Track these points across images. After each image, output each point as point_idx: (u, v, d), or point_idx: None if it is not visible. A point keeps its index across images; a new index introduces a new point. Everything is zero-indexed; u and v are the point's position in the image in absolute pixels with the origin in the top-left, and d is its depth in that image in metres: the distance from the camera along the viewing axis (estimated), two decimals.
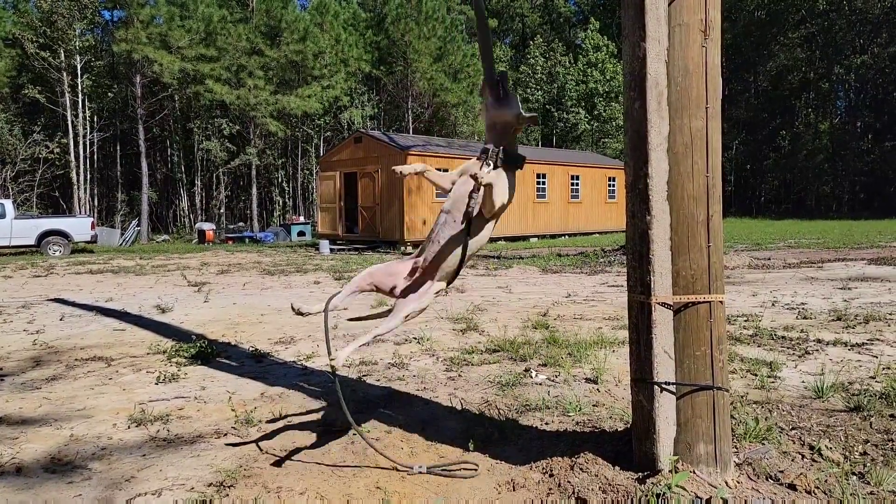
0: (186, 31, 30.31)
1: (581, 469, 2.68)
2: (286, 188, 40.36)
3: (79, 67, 30.80)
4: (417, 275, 2.95)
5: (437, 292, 2.92)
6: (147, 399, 4.01)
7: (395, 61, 36.10)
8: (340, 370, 4.70)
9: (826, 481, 2.60)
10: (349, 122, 35.96)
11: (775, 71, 47.19)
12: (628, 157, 2.64)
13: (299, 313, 2.86)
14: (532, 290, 9.36)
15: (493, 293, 8.99)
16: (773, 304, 7.32)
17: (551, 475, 2.71)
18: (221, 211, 38.50)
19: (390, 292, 3.00)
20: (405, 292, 2.96)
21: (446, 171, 3.14)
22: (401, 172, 2.78)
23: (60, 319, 7.10)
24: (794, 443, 3.04)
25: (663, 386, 2.55)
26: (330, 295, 2.97)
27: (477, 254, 3.11)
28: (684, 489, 2.42)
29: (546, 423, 3.43)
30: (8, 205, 18.83)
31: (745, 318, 6.36)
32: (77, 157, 31.63)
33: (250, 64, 31.46)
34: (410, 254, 3.13)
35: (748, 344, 5.25)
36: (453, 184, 2.95)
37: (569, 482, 2.61)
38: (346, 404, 3.60)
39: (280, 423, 3.53)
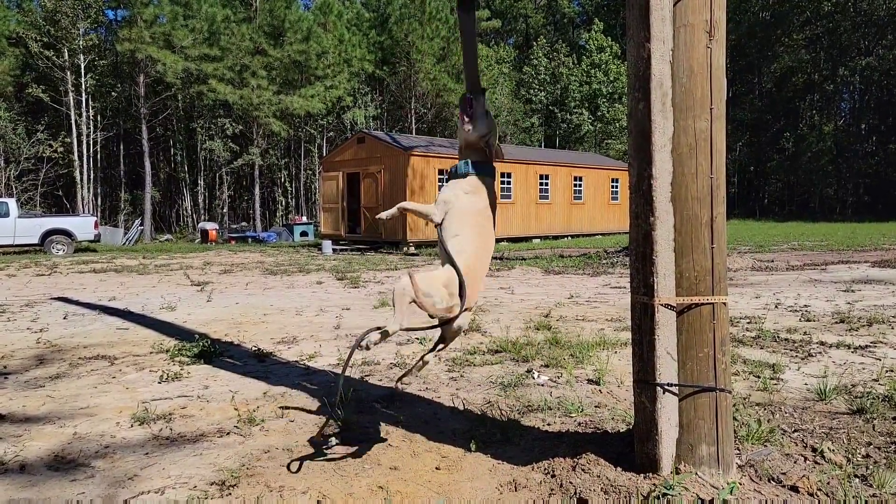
0: (190, 31, 30.38)
1: (583, 470, 2.68)
2: (289, 188, 40.44)
3: (82, 66, 30.88)
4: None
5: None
6: (150, 398, 4.02)
7: (399, 61, 36.17)
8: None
9: (828, 483, 2.60)
10: (352, 122, 36.02)
11: (780, 72, 47.14)
12: (632, 158, 2.64)
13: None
14: (534, 291, 9.36)
15: (496, 294, 8.99)
16: (776, 306, 7.30)
17: (553, 476, 2.71)
18: (224, 211, 38.60)
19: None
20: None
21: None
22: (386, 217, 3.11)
23: (64, 318, 7.12)
24: (797, 445, 3.03)
25: (666, 387, 2.54)
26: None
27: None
28: (686, 490, 2.41)
29: (548, 424, 3.43)
30: (12, 204, 18.90)
31: (749, 320, 6.35)
32: (80, 157, 31.72)
33: (253, 64, 31.51)
34: (414, 254, 3.18)
35: (751, 346, 5.24)
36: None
37: (571, 483, 2.61)
38: (349, 406, 3.60)
39: (283, 423, 3.54)
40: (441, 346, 3.09)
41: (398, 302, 2.58)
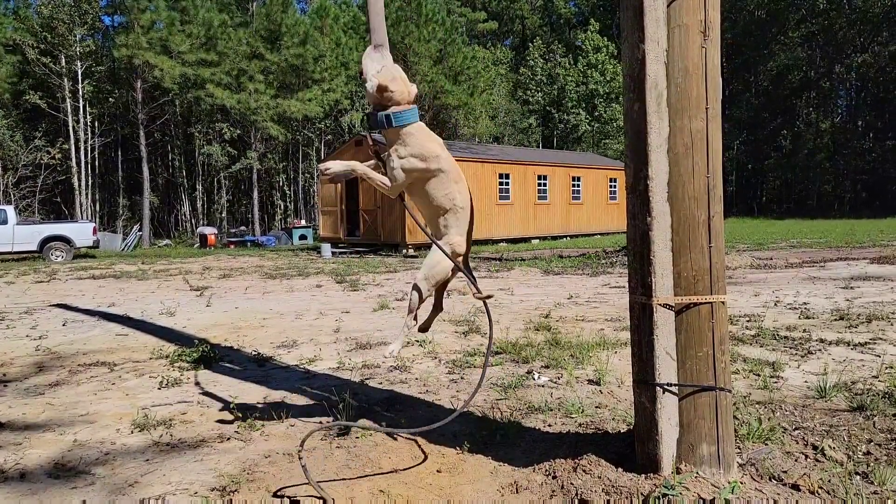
0: (187, 36, 30.41)
1: (584, 471, 2.68)
2: (287, 192, 40.45)
3: (79, 73, 30.89)
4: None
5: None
6: (150, 404, 4.01)
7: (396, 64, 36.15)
8: (343, 373, 4.71)
9: (829, 481, 2.60)
10: (350, 125, 36.02)
11: (776, 70, 47.20)
12: (628, 158, 2.64)
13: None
14: (534, 291, 9.36)
15: (495, 295, 8.99)
16: (775, 304, 7.31)
17: (554, 477, 2.71)
18: (223, 215, 38.61)
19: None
20: None
21: None
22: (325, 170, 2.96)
23: (63, 325, 7.12)
24: (798, 443, 3.03)
25: (665, 387, 2.55)
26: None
27: (479, 255, 3.20)
28: (687, 490, 2.41)
29: (549, 425, 3.43)
30: (10, 211, 18.87)
31: (748, 319, 6.36)
32: (78, 163, 31.73)
33: (251, 68, 31.54)
34: (413, 256, 3.21)
35: (751, 344, 5.24)
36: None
37: (572, 484, 2.61)
38: (349, 409, 3.60)
39: (283, 427, 3.54)
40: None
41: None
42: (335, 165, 2.97)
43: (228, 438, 3.39)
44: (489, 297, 3.07)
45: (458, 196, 2.97)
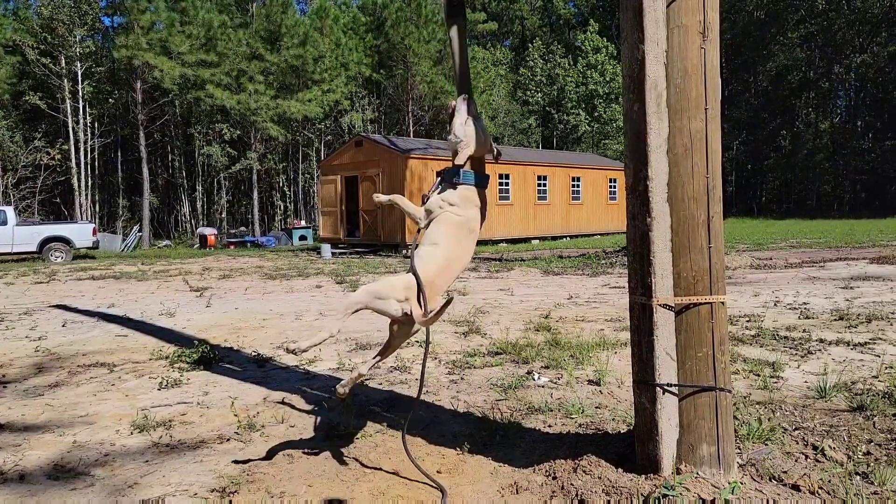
0: (187, 37, 30.43)
1: (584, 471, 2.68)
2: (287, 192, 40.46)
3: (79, 74, 30.90)
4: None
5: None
6: (150, 405, 4.01)
7: (396, 65, 36.20)
8: (343, 373, 4.71)
9: (830, 481, 2.60)
10: (350, 125, 36.05)
11: (775, 71, 47.21)
12: (628, 159, 2.64)
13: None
14: (534, 292, 9.36)
15: (495, 295, 8.99)
16: (775, 304, 7.31)
17: (554, 478, 2.71)
18: (223, 216, 38.61)
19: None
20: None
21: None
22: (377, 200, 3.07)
23: (62, 326, 7.11)
24: (798, 443, 3.03)
25: (665, 388, 2.54)
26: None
27: (479, 256, 3.20)
28: (687, 491, 2.41)
29: (549, 426, 3.43)
30: (9, 212, 18.87)
31: (748, 319, 6.35)
32: (78, 164, 31.73)
33: (251, 69, 31.56)
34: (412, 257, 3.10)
35: (750, 344, 5.24)
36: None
37: (572, 485, 2.61)
38: (348, 408, 3.60)
39: (283, 428, 3.53)
40: (379, 357, 3.09)
41: (342, 310, 2.77)
42: (381, 197, 3.12)
43: (228, 439, 3.39)
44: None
45: (460, 259, 3.00)
